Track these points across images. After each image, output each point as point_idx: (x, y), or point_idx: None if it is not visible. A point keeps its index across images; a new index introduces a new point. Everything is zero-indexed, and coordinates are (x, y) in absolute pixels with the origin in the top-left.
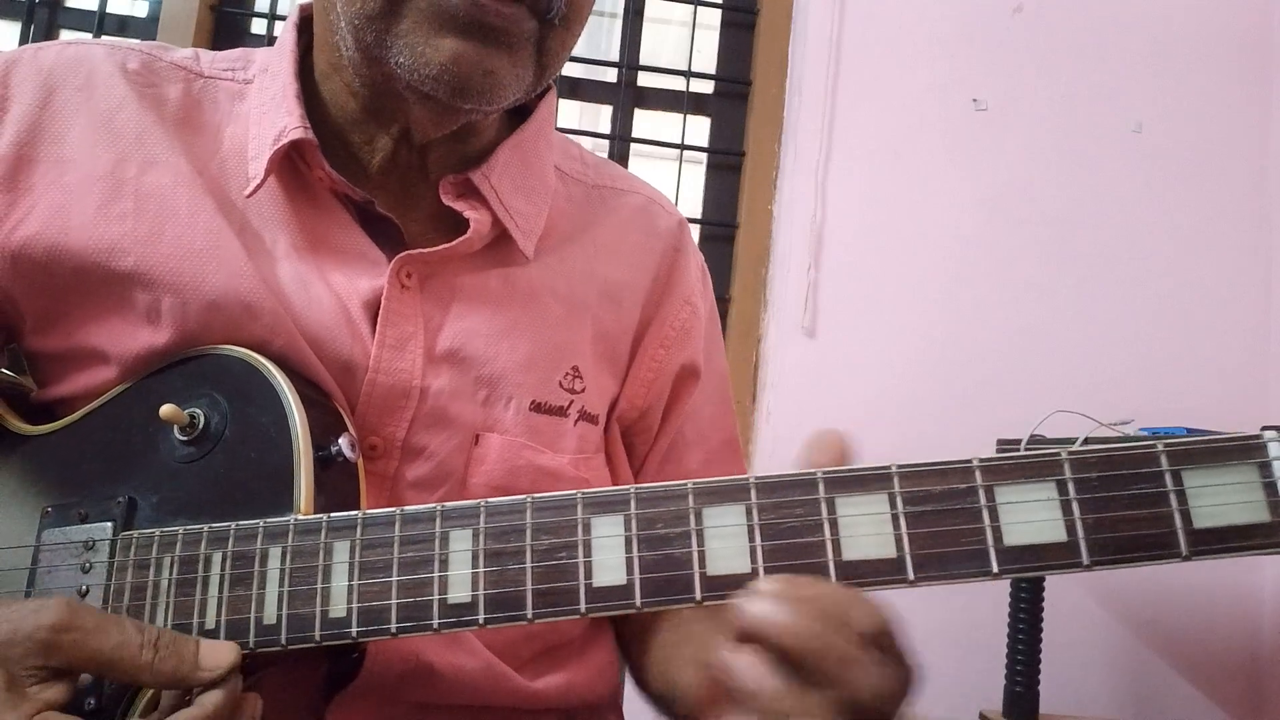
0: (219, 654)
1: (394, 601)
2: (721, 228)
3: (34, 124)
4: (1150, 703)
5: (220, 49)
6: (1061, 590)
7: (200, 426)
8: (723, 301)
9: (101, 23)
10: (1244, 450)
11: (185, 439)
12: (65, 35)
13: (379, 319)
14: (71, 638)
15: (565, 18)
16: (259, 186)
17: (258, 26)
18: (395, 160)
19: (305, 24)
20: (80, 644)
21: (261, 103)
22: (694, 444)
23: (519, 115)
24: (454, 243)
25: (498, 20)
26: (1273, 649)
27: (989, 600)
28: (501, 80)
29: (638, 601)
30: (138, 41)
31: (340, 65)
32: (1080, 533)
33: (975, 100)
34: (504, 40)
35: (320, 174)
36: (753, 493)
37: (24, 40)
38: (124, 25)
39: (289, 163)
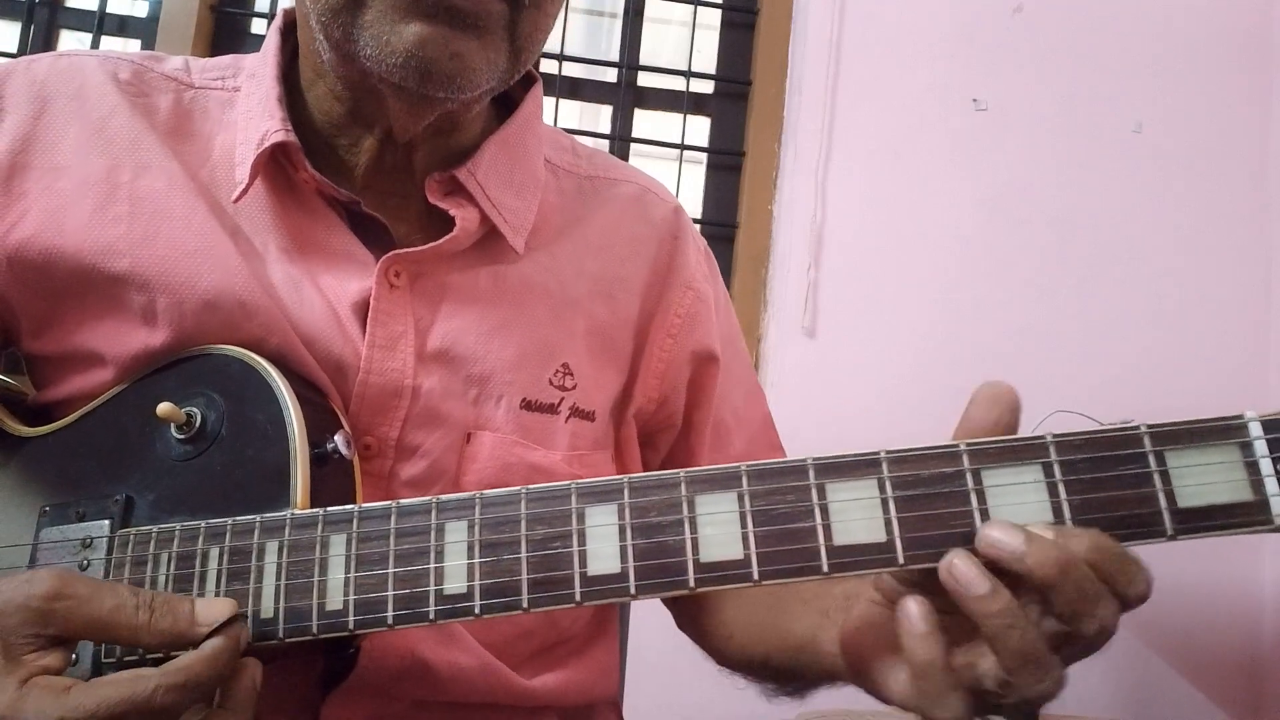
0: (214, 608)
1: (390, 593)
2: (721, 228)
3: (28, 133)
4: (1150, 703)
5: (220, 49)
6: None
7: (197, 424)
8: None
9: (101, 23)
10: (1226, 431)
11: (182, 437)
12: (65, 35)
13: (368, 319)
14: (65, 605)
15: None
16: (244, 191)
17: (258, 27)
18: (381, 161)
19: (291, 28)
20: (75, 610)
21: (248, 109)
22: (735, 429)
23: (506, 110)
24: (440, 241)
25: (463, 2)
26: (1273, 649)
27: None
28: (470, 64)
29: (632, 589)
30: (130, 52)
31: (322, 71)
32: (1067, 514)
33: (975, 100)
34: (471, 23)
35: (305, 176)
36: (744, 480)
37: (24, 40)
38: (124, 25)
39: (276, 166)
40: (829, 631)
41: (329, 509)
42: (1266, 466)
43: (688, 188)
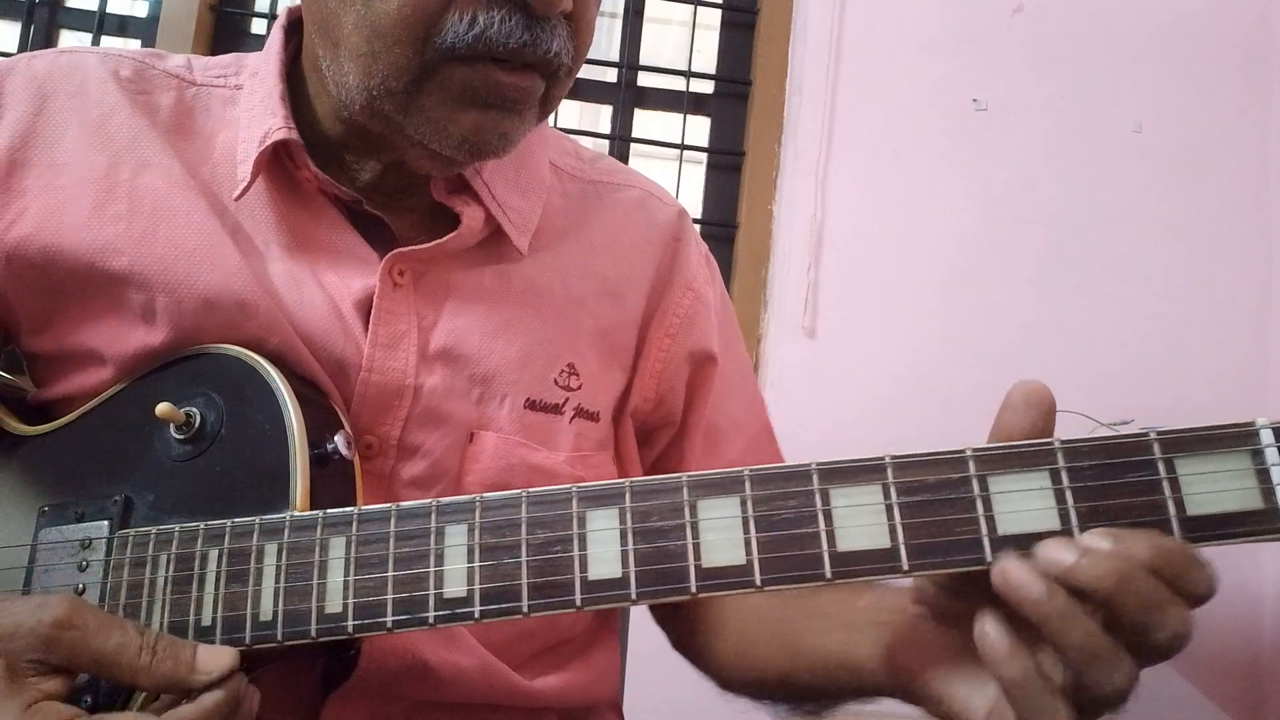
0: (217, 658)
1: (390, 597)
2: (721, 228)
3: (27, 130)
4: (1150, 703)
5: (221, 49)
6: None
7: (196, 425)
8: None
9: (101, 23)
10: (1236, 438)
11: (181, 438)
12: (65, 35)
13: (371, 318)
14: (72, 635)
15: (570, 69)
16: (246, 189)
17: (258, 27)
18: (385, 176)
19: (294, 26)
20: (80, 642)
21: (250, 106)
22: (731, 434)
23: None
24: (445, 239)
25: (516, 94)
26: (1273, 649)
27: None
28: (513, 139)
29: (633, 594)
30: (132, 49)
31: (329, 92)
32: (1074, 521)
33: (975, 100)
34: (517, 107)
35: (307, 175)
36: (747, 485)
37: (24, 40)
38: (124, 25)
39: (278, 164)
40: (864, 648)
41: (328, 511)
42: (1277, 475)
43: (688, 188)
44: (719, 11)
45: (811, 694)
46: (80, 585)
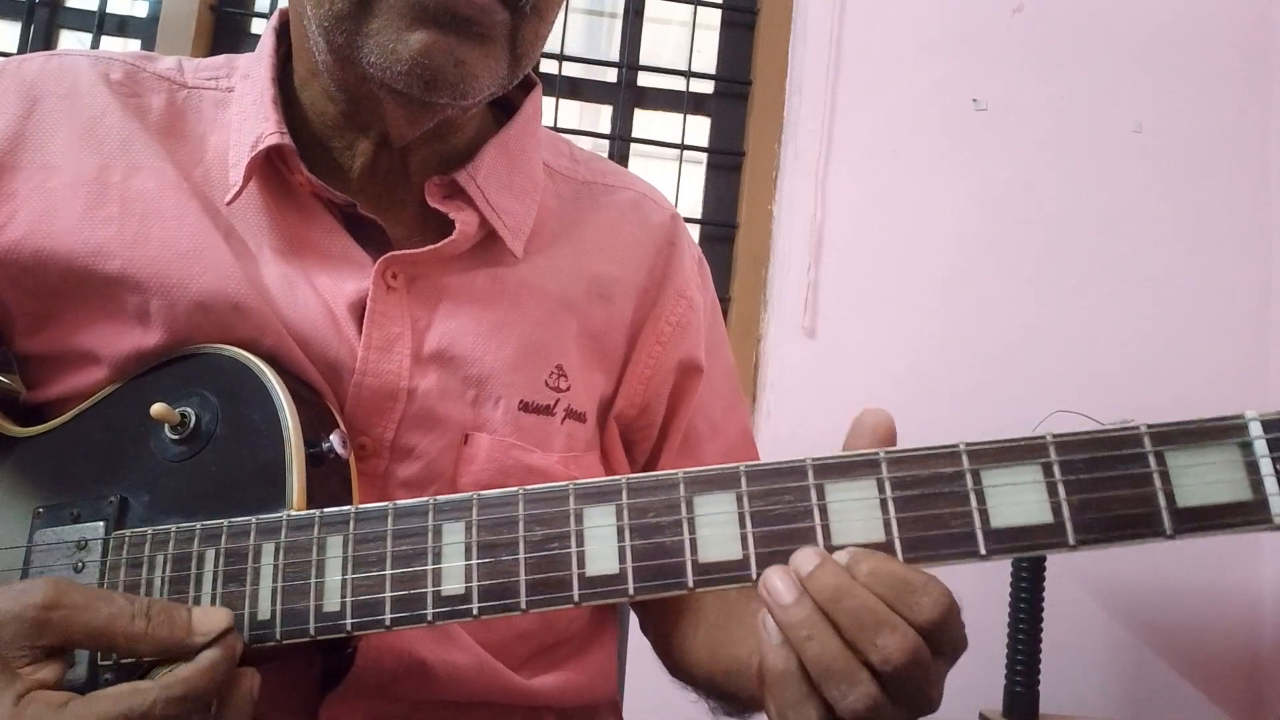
0: (212, 618)
1: (388, 595)
2: (721, 228)
3: (16, 133)
4: (1150, 703)
5: (220, 49)
6: (1061, 590)
7: (191, 425)
8: (723, 302)
9: (101, 23)
10: (1225, 430)
11: (176, 438)
12: (65, 36)
13: (365, 321)
14: (61, 614)
15: (537, 6)
16: (238, 194)
17: (257, 27)
18: (376, 164)
19: (286, 28)
20: (71, 620)
21: (241, 109)
22: (708, 438)
23: (504, 112)
24: (440, 244)
25: (469, 10)
26: (1273, 649)
27: (989, 600)
28: (473, 71)
29: (630, 590)
30: (122, 52)
31: (317, 72)
32: (1066, 513)
33: (975, 100)
34: (475, 31)
35: (300, 178)
36: (743, 480)
37: (24, 40)
38: (124, 26)
39: (271, 168)
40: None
41: (326, 510)
42: (1266, 466)
43: (688, 188)
44: (719, 11)
45: (728, 698)
46: None
